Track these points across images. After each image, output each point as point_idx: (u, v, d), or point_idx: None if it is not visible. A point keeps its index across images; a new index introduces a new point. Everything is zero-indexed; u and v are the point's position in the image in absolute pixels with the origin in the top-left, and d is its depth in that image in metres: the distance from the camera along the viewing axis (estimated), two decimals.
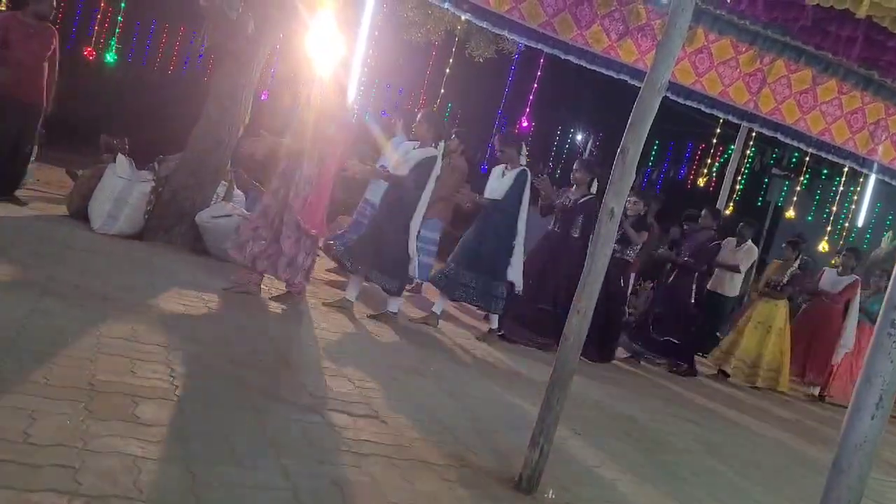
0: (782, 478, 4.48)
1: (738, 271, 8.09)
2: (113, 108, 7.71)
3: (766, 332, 8.01)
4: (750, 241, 8.18)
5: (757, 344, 7.98)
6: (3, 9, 9.54)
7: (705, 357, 8.37)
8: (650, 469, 3.78)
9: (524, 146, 6.20)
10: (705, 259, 7.61)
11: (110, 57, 13.52)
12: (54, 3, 6.79)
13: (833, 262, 9.33)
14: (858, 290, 8.36)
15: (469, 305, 6.50)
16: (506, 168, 6.17)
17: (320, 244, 6.07)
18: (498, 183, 6.13)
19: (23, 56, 6.44)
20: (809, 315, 8.60)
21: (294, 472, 2.49)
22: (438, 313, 6.17)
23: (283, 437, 2.77)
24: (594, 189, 6.61)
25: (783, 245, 8.74)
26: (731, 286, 8.31)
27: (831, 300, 8.41)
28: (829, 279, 8.52)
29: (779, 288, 8.12)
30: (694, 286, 7.53)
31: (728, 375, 8.02)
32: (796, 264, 8.22)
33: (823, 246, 12.29)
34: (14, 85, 6.40)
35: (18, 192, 6.62)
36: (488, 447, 3.36)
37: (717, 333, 8.63)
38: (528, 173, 6.09)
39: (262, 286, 5.44)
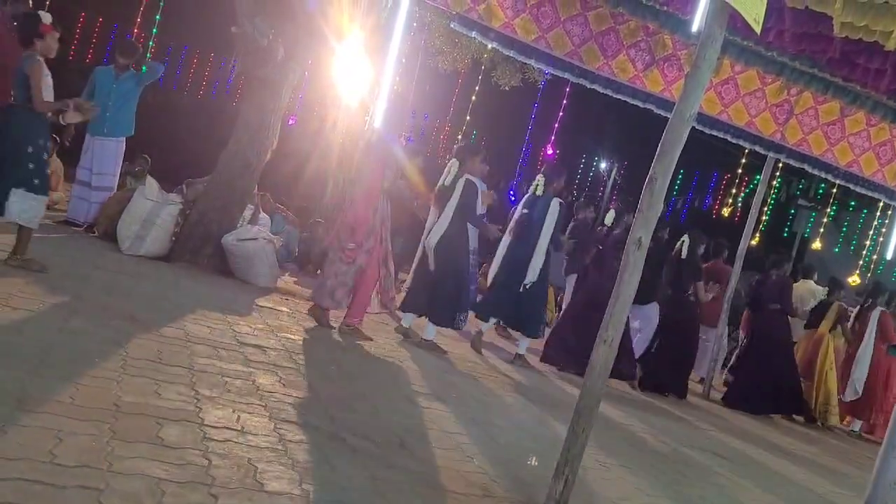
0: None
1: None
2: (143, 131, 7.81)
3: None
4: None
5: None
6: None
7: None
8: (677, 502, 3.71)
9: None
10: None
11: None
12: (29, 3, 6.46)
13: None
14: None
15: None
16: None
17: None
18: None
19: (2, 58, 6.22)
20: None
21: (317, 498, 2.48)
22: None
23: (306, 462, 2.76)
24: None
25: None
26: None
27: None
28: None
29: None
30: None
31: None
32: None
33: (854, 279, 12.14)
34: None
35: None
36: (511, 476, 3.32)
37: None
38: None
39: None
